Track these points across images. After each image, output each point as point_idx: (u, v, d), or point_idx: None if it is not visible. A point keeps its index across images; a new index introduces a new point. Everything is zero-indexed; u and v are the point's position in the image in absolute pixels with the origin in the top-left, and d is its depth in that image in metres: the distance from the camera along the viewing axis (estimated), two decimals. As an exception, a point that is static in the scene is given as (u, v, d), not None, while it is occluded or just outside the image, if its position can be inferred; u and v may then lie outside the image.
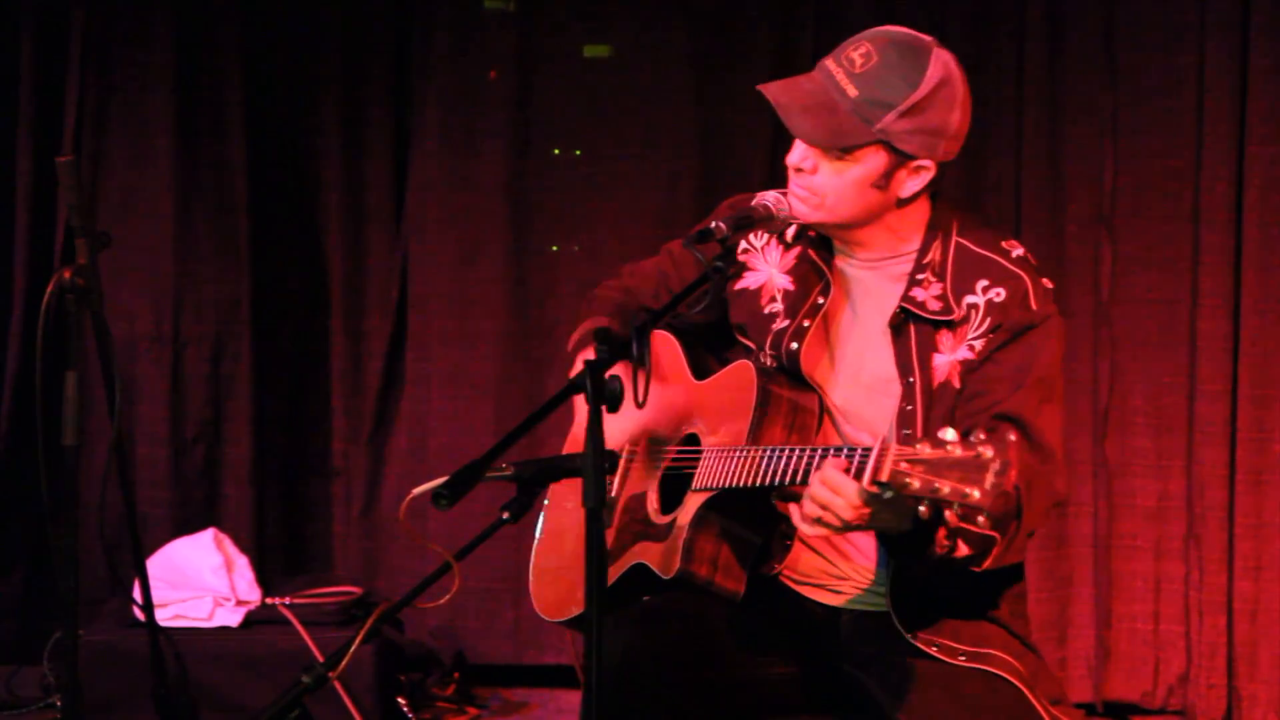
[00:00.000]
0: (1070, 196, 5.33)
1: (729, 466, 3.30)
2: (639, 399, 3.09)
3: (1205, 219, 5.22)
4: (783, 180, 3.39)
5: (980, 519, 2.88)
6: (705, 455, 3.39)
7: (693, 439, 3.48)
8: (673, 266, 3.66)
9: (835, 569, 3.45)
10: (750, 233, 3.46)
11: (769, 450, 3.24)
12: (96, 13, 5.53)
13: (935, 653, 3.33)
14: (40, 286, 4.34)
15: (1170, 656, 5.33)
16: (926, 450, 2.89)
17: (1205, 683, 5.25)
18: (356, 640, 3.40)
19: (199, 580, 5.21)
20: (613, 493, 3.55)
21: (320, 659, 4.85)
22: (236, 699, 5.01)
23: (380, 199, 5.66)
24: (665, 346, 3.61)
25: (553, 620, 3.58)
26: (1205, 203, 5.22)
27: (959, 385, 3.31)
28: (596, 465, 2.97)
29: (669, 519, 3.41)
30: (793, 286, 3.47)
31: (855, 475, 3.03)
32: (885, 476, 2.92)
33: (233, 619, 5.17)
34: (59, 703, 5.10)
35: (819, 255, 3.45)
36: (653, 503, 3.48)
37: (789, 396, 3.39)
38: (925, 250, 3.37)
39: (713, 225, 3.26)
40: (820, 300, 3.43)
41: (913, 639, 3.33)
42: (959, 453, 2.87)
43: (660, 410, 3.55)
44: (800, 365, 3.42)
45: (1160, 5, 5.26)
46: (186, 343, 5.62)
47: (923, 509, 2.91)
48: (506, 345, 5.58)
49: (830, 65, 3.31)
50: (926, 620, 3.34)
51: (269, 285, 5.65)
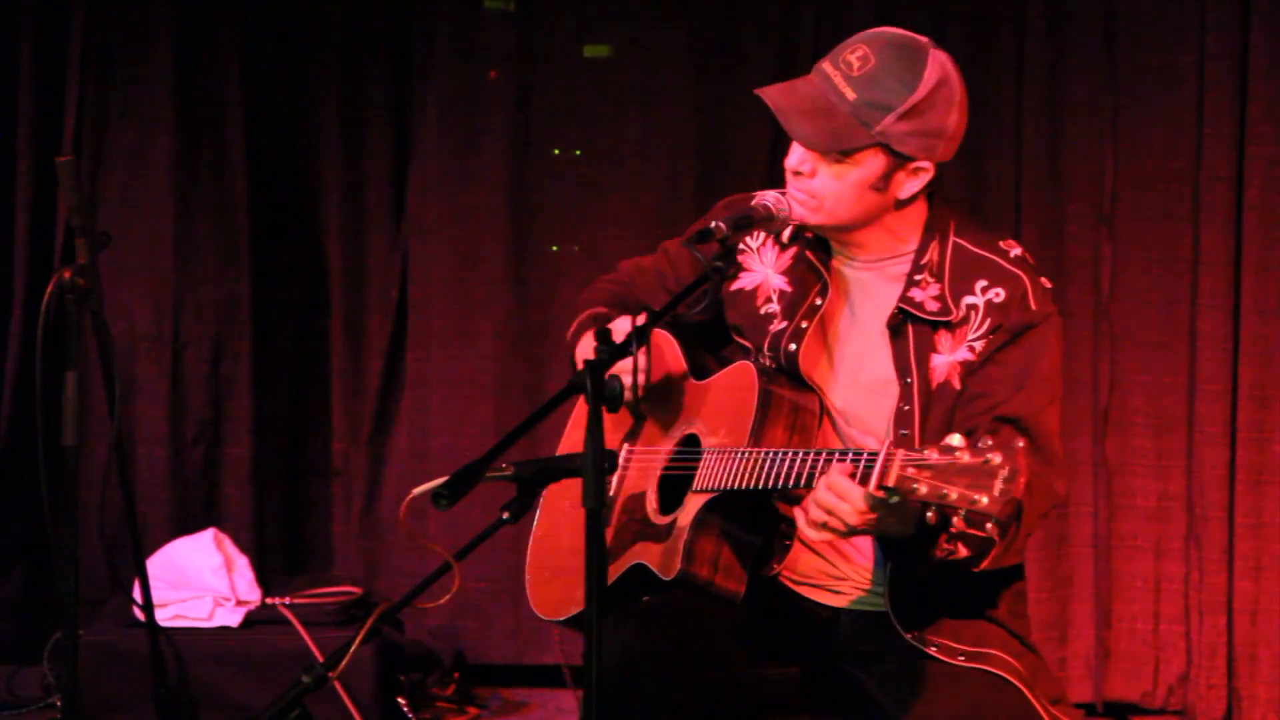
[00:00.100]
0: (1070, 196, 5.32)
1: (730, 468, 3.30)
2: (639, 399, 3.09)
3: (1205, 219, 5.22)
4: (782, 180, 3.39)
5: (988, 525, 2.88)
6: (706, 456, 3.39)
7: (692, 440, 3.48)
8: (669, 266, 3.66)
9: (834, 569, 3.44)
10: (749, 233, 3.46)
11: (771, 453, 3.24)
12: (96, 13, 5.53)
13: (934, 652, 3.32)
14: (40, 286, 4.34)
15: (1170, 656, 5.33)
16: (934, 456, 2.88)
17: (1205, 683, 5.25)
18: (356, 640, 3.40)
19: (199, 580, 5.21)
20: (610, 492, 3.55)
21: (320, 659, 4.85)
22: (236, 699, 5.01)
23: (380, 199, 5.66)
24: (664, 346, 3.60)
25: (550, 620, 3.58)
26: (1205, 203, 5.22)
27: (959, 386, 3.30)
28: (596, 465, 2.97)
29: (669, 519, 3.40)
30: (789, 288, 3.47)
31: (861, 480, 3.03)
32: (892, 482, 2.92)
33: (233, 619, 5.17)
34: (59, 703, 5.10)
35: (816, 256, 3.44)
36: (652, 503, 3.47)
37: (790, 398, 3.38)
38: (923, 251, 3.37)
39: (712, 225, 3.25)
40: (818, 301, 3.43)
41: (912, 639, 3.33)
42: (966, 459, 2.86)
43: (660, 410, 3.55)
44: (799, 366, 3.41)
45: (1160, 5, 5.25)
46: (186, 343, 5.61)
47: (930, 515, 2.91)
48: (506, 345, 5.57)
49: (828, 68, 3.30)
50: (926, 620, 3.34)
51: (269, 285, 5.65)
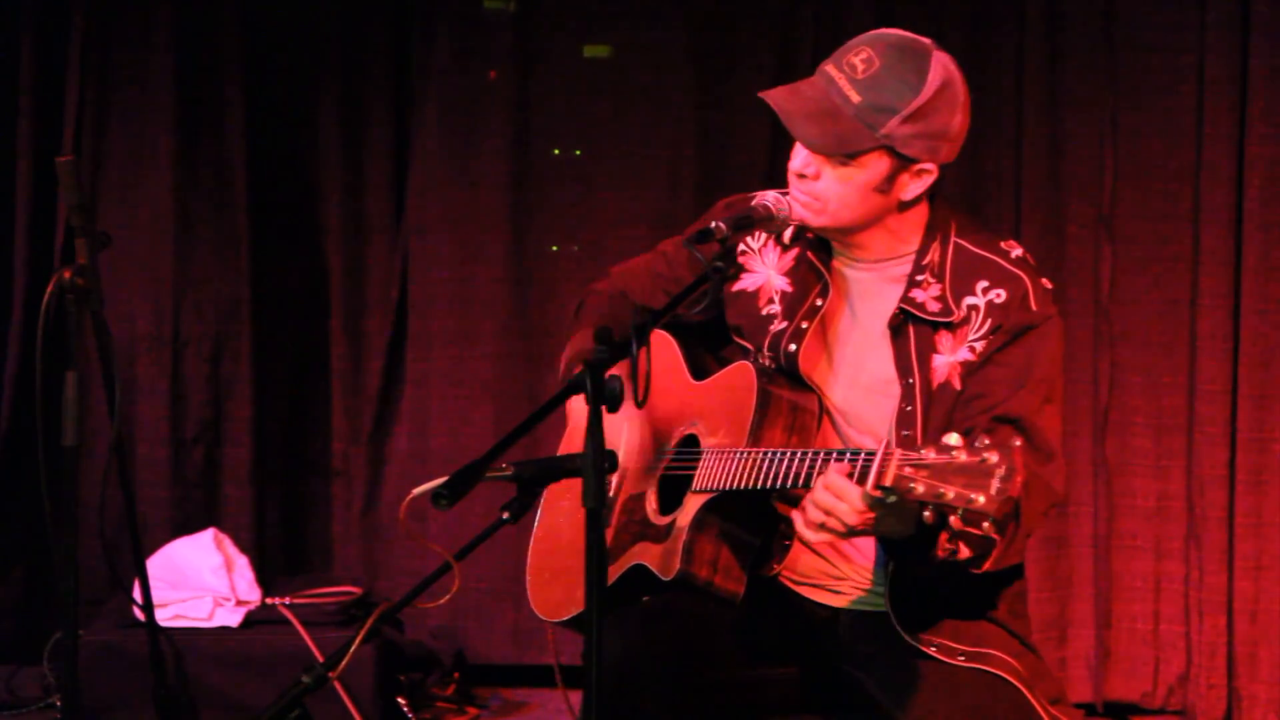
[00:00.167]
0: (1070, 196, 5.32)
1: (729, 468, 3.30)
2: (639, 399, 3.09)
3: (1205, 219, 5.21)
4: (782, 180, 3.38)
5: (985, 524, 2.88)
6: (705, 457, 3.39)
7: (691, 440, 3.47)
8: (666, 266, 3.65)
9: (834, 570, 3.44)
10: (750, 233, 3.46)
11: (770, 453, 3.24)
12: (96, 13, 5.52)
13: (934, 653, 3.32)
14: (40, 286, 4.34)
15: (1170, 656, 5.33)
16: (931, 455, 2.88)
17: (1205, 683, 5.25)
18: (356, 640, 3.40)
19: (199, 580, 5.20)
20: (610, 493, 3.55)
21: (320, 659, 4.85)
22: (236, 699, 5.01)
23: (380, 199, 5.65)
24: (663, 346, 3.60)
25: (550, 621, 3.57)
26: (1205, 203, 5.21)
27: (959, 387, 3.30)
28: (596, 465, 2.97)
29: (668, 520, 3.40)
30: (790, 288, 3.47)
31: (858, 480, 3.03)
32: (889, 481, 2.92)
33: (233, 619, 5.17)
34: (59, 703, 5.10)
35: (817, 257, 3.44)
36: (651, 503, 3.47)
37: (789, 398, 3.38)
38: (924, 251, 3.37)
39: (712, 225, 3.24)
40: (819, 302, 3.43)
41: (912, 639, 3.32)
42: (963, 458, 2.87)
43: (659, 411, 3.55)
44: (798, 367, 3.41)
45: (1160, 5, 5.25)
46: (186, 343, 5.61)
47: (927, 514, 2.91)
48: (506, 345, 5.57)
49: (831, 71, 3.30)
50: (925, 620, 3.34)
51: (269, 285, 5.64)
